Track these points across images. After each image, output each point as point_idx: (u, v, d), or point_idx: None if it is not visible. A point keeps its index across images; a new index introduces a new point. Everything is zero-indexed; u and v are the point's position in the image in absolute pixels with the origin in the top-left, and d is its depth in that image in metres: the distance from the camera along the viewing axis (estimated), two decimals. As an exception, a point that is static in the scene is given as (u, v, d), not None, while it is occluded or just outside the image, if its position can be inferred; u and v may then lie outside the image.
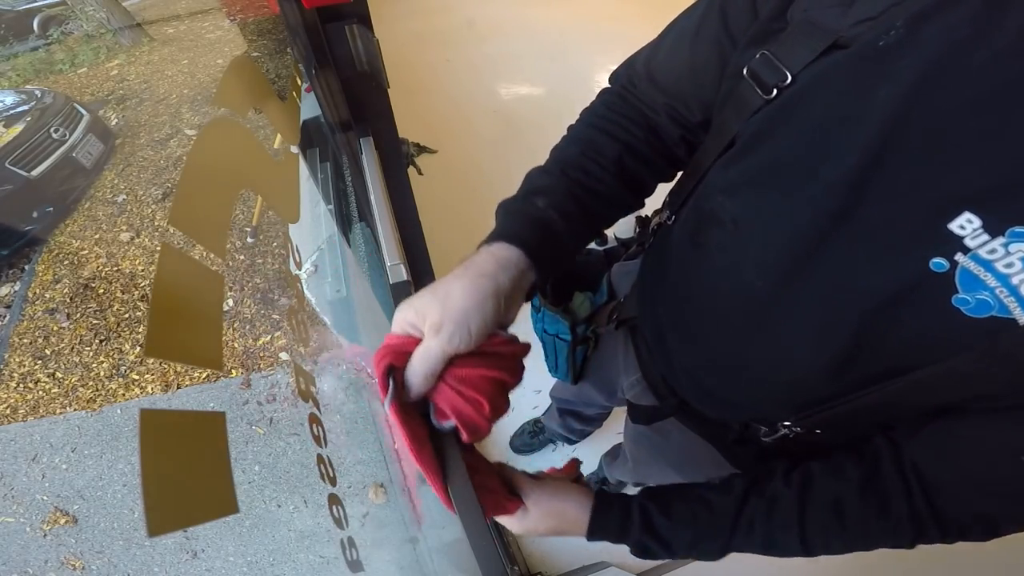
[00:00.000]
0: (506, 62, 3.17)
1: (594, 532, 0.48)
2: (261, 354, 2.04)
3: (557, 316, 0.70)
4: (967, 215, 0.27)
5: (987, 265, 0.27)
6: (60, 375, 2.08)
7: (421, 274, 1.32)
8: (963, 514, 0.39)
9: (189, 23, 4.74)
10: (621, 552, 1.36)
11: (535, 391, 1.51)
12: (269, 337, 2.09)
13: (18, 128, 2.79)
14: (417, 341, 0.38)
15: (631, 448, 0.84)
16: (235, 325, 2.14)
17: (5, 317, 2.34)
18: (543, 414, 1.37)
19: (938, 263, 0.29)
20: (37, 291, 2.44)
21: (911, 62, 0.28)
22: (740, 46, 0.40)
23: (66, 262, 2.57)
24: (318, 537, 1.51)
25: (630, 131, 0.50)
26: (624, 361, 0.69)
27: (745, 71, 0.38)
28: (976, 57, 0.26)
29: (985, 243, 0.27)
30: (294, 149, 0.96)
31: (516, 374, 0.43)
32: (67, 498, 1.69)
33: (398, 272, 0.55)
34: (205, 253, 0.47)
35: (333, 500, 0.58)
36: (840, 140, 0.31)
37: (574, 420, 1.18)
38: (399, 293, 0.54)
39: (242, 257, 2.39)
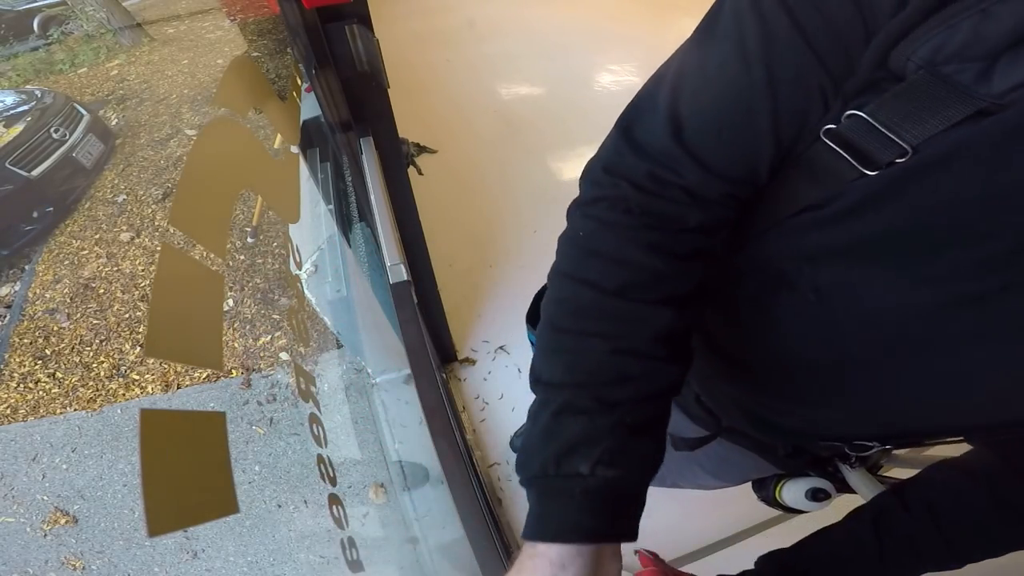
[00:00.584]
0: (506, 62, 3.17)
1: None
2: (261, 354, 2.04)
3: None
4: None
5: None
6: (60, 375, 2.08)
7: (421, 274, 1.32)
8: None
9: (189, 23, 4.74)
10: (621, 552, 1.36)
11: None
12: (269, 337, 2.09)
13: (18, 128, 2.79)
14: None
15: None
16: (235, 325, 2.14)
17: (5, 317, 2.34)
18: None
19: None
20: (37, 291, 2.44)
21: None
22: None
23: (66, 262, 2.57)
24: (318, 537, 1.51)
25: (671, 270, 0.35)
26: None
27: (827, 134, 0.31)
28: None
29: None
30: (294, 149, 0.96)
31: None
32: (67, 498, 1.69)
33: (398, 272, 0.55)
34: (205, 253, 0.47)
35: (333, 500, 0.58)
36: (982, 220, 0.27)
37: None
38: (399, 293, 0.54)
39: (242, 257, 2.39)
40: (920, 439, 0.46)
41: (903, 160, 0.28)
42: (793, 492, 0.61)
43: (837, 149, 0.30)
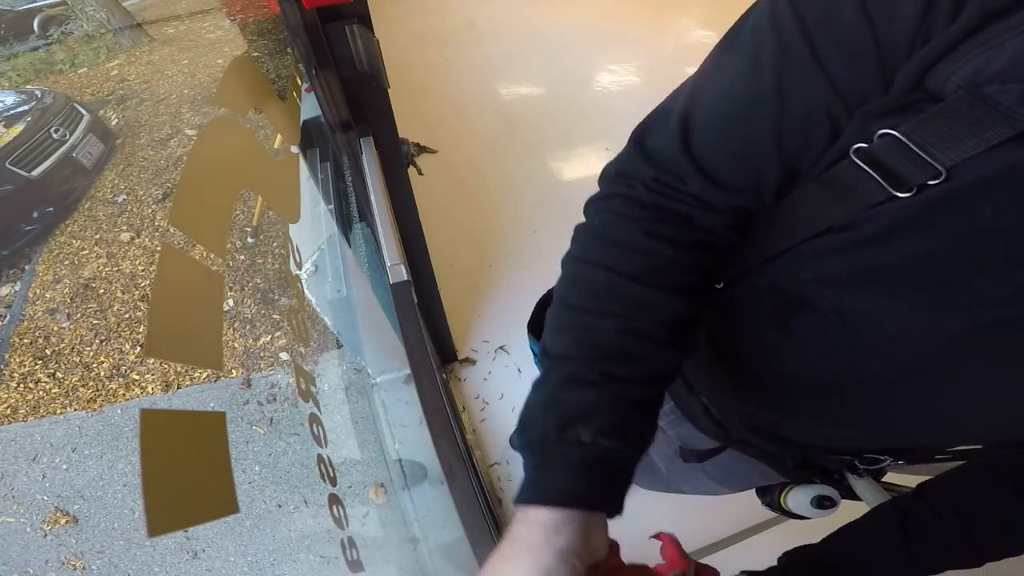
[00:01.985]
0: (506, 62, 3.17)
1: None
2: (261, 354, 2.04)
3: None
4: None
5: None
6: (60, 375, 2.08)
7: (421, 274, 1.33)
8: None
9: (189, 23, 4.73)
10: (621, 552, 1.36)
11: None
12: (269, 337, 2.09)
13: (18, 128, 2.79)
14: None
15: (666, 464, 0.80)
16: (235, 325, 2.14)
17: (5, 317, 2.34)
18: None
19: None
20: (37, 291, 2.44)
21: None
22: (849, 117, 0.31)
23: (66, 262, 2.57)
24: (318, 537, 1.51)
25: (679, 263, 0.36)
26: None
27: (856, 153, 0.30)
28: None
29: None
30: (294, 149, 0.96)
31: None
32: (67, 498, 1.69)
33: (398, 272, 0.55)
34: (205, 253, 0.47)
35: (333, 500, 0.58)
36: (1018, 248, 0.27)
37: None
38: (399, 293, 0.54)
39: (242, 257, 2.39)
40: (936, 454, 0.46)
41: (936, 183, 0.27)
42: (798, 499, 0.61)
43: (867, 169, 0.29)
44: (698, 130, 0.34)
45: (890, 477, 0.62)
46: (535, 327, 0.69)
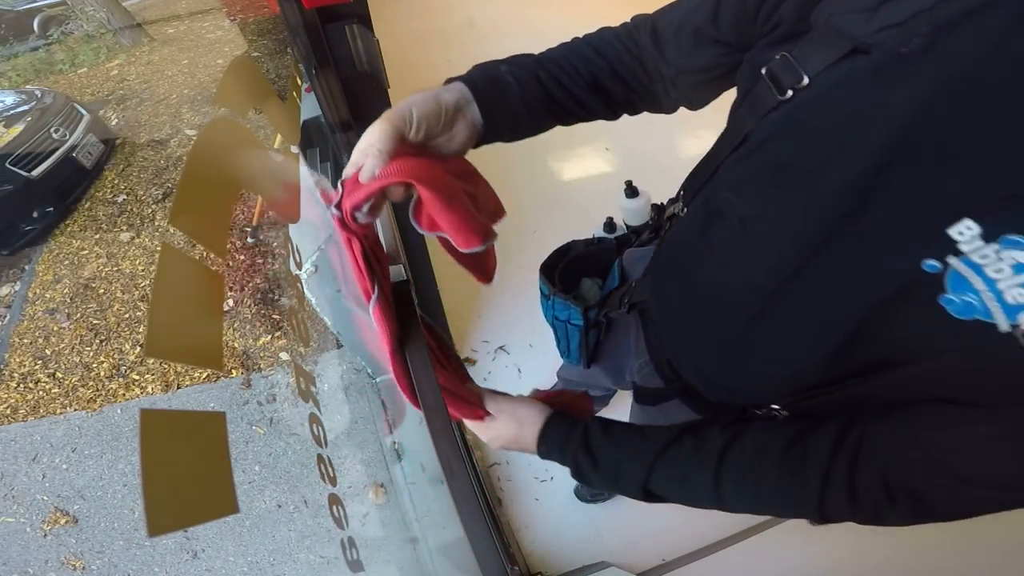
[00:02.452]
0: (506, 62, 3.18)
1: (542, 442, 0.50)
2: (261, 354, 2.04)
3: (568, 303, 0.72)
4: (967, 222, 0.28)
5: (977, 269, 0.28)
6: (60, 375, 2.08)
7: (421, 274, 1.32)
8: (887, 487, 0.37)
9: (189, 23, 4.74)
10: (621, 552, 1.36)
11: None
12: (269, 337, 2.09)
13: (18, 128, 2.79)
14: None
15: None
16: (235, 325, 2.14)
17: (5, 317, 2.34)
18: (560, 369, 1.35)
19: (931, 264, 0.30)
20: (37, 291, 2.45)
21: (930, 71, 0.29)
22: (755, 44, 0.42)
23: (66, 262, 2.57)
24: (318, 537, 1.51)
25: (618, 54, 0.54)
26: (635, 345, 0.70)
27: (764, 71, 0.39)
28: (995, 70, 0.27)
29: (978, 248, 0.28)
30: (294, 149, 0.96)
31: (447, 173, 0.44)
32: (67, 498, 1.69)
33: (398, 272, 0.55)
34: (205, 253, 0.47)
35: (333, 500, 0.58)
36: (852, 144, 0.32)
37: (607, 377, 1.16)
38: (399, 293, 0.54)
39: (242, 257, 2.39)
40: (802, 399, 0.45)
41: (801, 86, 0.36)
42: None
43: (767, 81, 0.38)
44: (664, 16, 0.51)
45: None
46: (548, 270, 0.75)
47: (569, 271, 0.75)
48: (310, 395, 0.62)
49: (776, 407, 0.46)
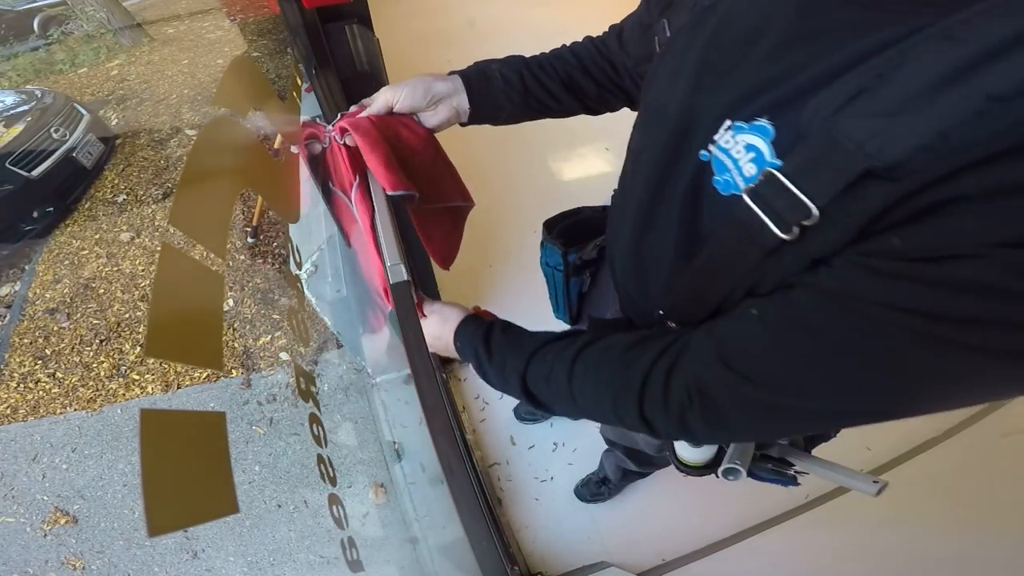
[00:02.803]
0: (506, 62, 3.17)
1: (456, 337, 0.57)
2: (261, 354, 2.04)
3: (554, 247, 0.75)
4: (727, 121, 0.36)
5: (726, 152, 0.36)
6: (60, 375, 2.08)
7: (421, 274, 1.32)
8: (692, 386, 0.38)
9: (189, 23, 4.74)
10: (621, 552, 1.36)
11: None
12: (269, 337, 2.09)
13: (18, 128, 2.79)
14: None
15: None
16: (235, 325, 2.14)
17: (5, 317, 2.34)
18: None
19: (703, 154, 0.38)
20: (37, 291, 2.44)
21: (713, 15, 0.40)
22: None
23: (66, 262, 2.57)
24: (318, 537, 1.51)
25: (592, 55, 0.65)
26: (612, 294, 0.72)
27: (656, 37, 0.50)
28: (744, 6, 0.38)
29: (723, 135, 0.36)
30: (294, 149, 0.96)
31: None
32: (67, 498, 1.69)
33: (398, 272, 0.55)
34: (205, 253, 0.47)
35: (333, 500, 0.58)
36: (680, 78, 0.41)
37: None
38: (399, 293, 0.54)
39: (242, 257, 2.39)
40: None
41: (666, 40, 0.47)
42: (682, 445, 0.60)
43: (655, 43, 0.49)
44: (624, 26, 0.62)
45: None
46: (551, 225, 0.78)
47: (575, 233, 0.77)
48: (310, 395, 0.62)
49: (661, 312, 0.50)
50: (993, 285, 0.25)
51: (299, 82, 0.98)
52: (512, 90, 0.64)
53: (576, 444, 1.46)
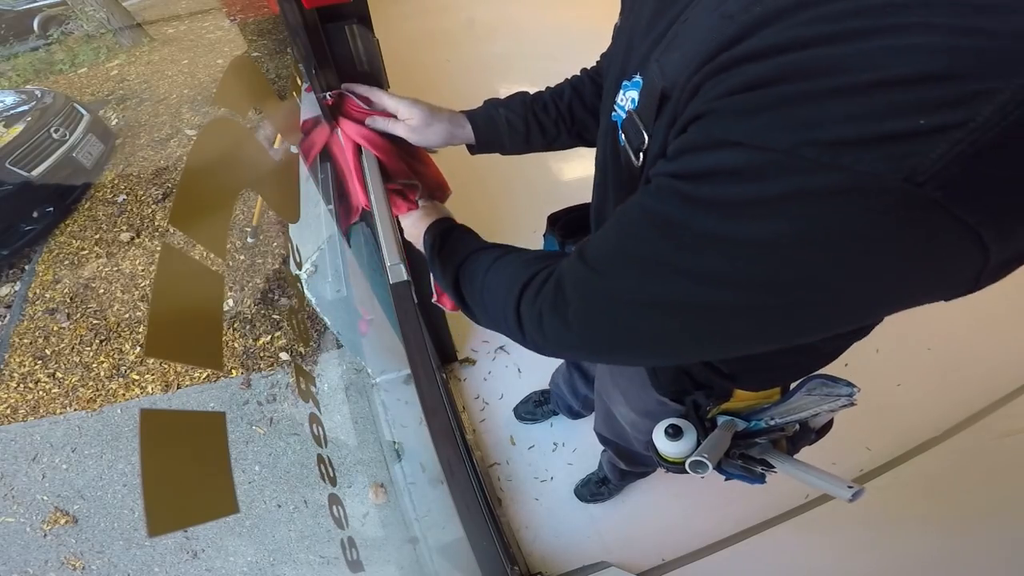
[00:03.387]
0: (506, 62, 3.17)
1: (430, 228, 0.62)
2: (261, 354, 2.04)
3: (551, 237, 0.75)
4: (623, 82, 0.41)
5: (621, 107, 0.41)
6: (60, 375, 2.08)
7: (421, 274, 1.32)
8: (554, 277, 0.40)
9: (189, 23, 4.74)
10: (621, 552, 1.35)
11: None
12: (269, 337, 2.09)
13: (18, 128, 2.79)
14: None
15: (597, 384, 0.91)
16: (235, 325, 2.15)
17: (5, 317, 2.35)
18: (554, 372, 1.36)
19: (614, 115, 0.42)
20: (37, 291, 2.45)
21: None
22: None
23: (66, 262, 2.57)
24: (318, 537, 1.51)
25: (587, 86, 0.69)
26: None
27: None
28: None
29: (620, 96, 0.41)
30: (294, 149, 0.96)
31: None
32: (67, 498, 1.69)
33: (398, 272, 0.55)
34: (205, 253, 0.47)
35: (333, 500, 0.58)
36: (621, 50, 0.45)
37: (581, 380, 1.17)
38: (399, 293, 0.54)
39: (242, 257, 2.39)
40: None
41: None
42: (660, 439, 0.59)
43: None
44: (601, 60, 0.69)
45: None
46: (553, 220, 0.79)
47: (578, 227, 0.77)
48: (310, 395, 0.62)
49: None
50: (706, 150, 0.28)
51: (299, 82, 0.98)
52: (516, 134, 0.70)
53: (576, 444, 1.46)
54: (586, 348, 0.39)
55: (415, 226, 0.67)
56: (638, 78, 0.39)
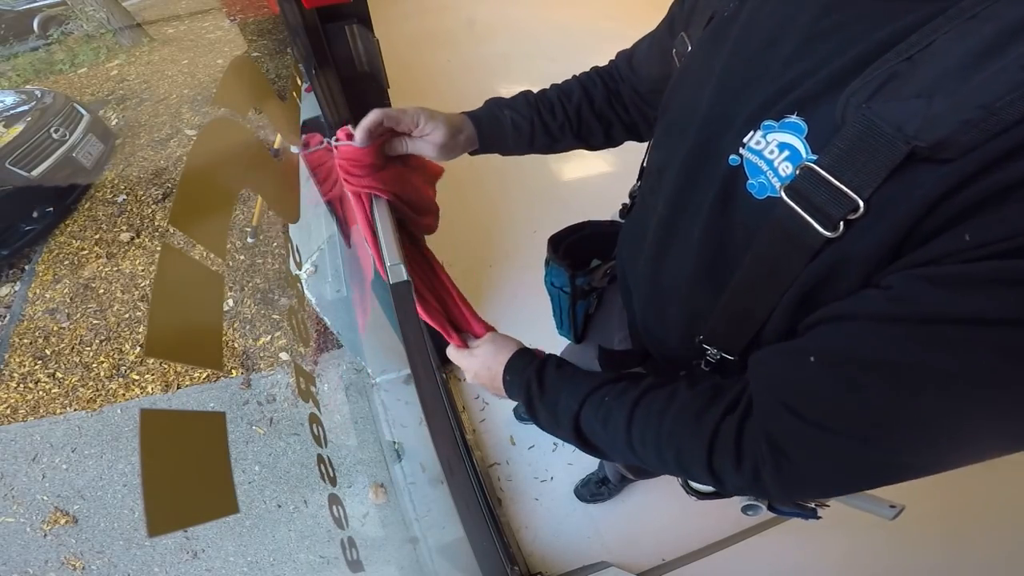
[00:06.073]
0: (506, 62, 3.17)
1: (508, 370, 0.53)
2: (261, 354, 2.04)
3: (561, 268, 0.74)
4: (757, 122, 0.35)
5: (758, 153, 0.35)
6: (60, 375, 2.08)
7: (421, 274, 1.32)
8: (761, 439, 0.35)
9: (189, 23, 4.74)
10: (621, 552, 1.35)
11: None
12: (269, 337, 2.09)
13: (18, 128, 2.78)
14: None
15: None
16: (235, 325, 2.14)
17: (5, 317, 2.34)
18: None
19: (733, 158, 0.37)
20: (37, 291, 2.44)
21: (735, 24, 0.40)
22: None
23: (66, 262, 2.57)
24: (318, 537, 1.51)
25: (598, 89, 0.67)
26: (618, 318, 0.71)
27: (674, 51, 0.51)
28: (749, 16, 0.39)
29: (753, 137, 0.35)
30: (294, 149, 0.96)
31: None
32: (67, 498, 1.69)
33: (398, 272, 0.55)
34: (205, 253, 0.47)
35: (333, 500, 0.58)
36: (703, 89, 0.41)
37: None
38: (399, 293, 0.54)
39: (242, 257, 2.39)
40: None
41: (688, 54, 0.48)
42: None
43: (675, 58, 0.51)
44: (639, 47, 0.64)
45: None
46: (555, 242, 0.77)
47: (582, 250, 0.76)
48: (310, 395, 0.62)
49: (695, 357, 0.48)
50: None
51: (299, 82, 0.98)
52: (522, 135, 0.66)
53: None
54: (825, 494, 0.38)
55: (488, 367, 0.56)
56: (797, 120, 0.32)
